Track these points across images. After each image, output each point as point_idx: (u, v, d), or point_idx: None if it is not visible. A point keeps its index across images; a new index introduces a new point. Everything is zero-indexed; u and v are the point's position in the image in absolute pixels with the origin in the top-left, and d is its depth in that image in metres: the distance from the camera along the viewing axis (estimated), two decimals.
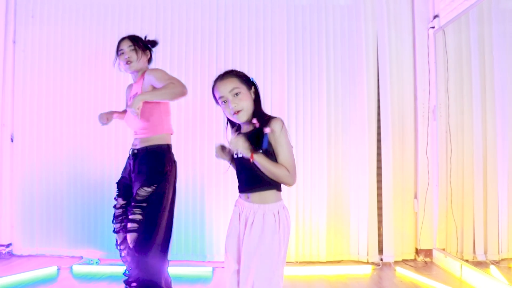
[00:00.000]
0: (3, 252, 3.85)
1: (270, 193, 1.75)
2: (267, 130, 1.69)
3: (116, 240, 2.53)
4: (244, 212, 1.76)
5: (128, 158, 2.55)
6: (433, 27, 3.84)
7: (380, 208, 3.84)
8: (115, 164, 3.80)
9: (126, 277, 2.47)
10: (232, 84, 1.78)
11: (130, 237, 2.33)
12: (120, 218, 2.47)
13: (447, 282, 3.21)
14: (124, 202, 2.48)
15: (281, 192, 1.77)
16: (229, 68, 1.85)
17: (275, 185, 1.75)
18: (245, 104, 1.77)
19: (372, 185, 3.83)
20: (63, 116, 3.92)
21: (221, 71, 1.84)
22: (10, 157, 3.93)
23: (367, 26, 3.88)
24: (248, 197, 1.76)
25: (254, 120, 1.75)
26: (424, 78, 3.88)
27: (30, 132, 3.93)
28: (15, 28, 3.96)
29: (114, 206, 2.54)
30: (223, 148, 1.83)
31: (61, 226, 3.87)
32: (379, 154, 3.87)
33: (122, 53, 2.54)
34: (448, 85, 3.75)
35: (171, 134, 2.54)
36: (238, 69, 1.85)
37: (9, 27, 3.94)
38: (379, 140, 3.86)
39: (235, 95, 1.77)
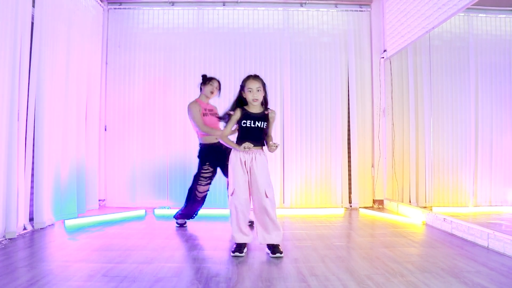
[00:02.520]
0: (101, 204, 5.38)
1: (261, 145, 3.03)
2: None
3: (200, 191, 4.02)
4: (248, 155, 2.94)
5: (215, 145, 3.91)
6: (383, 57, 5.43)
7: (350, 174, 5.44)
8: (175, 146, 5.37)
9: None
10: (259, 84, 2.94)
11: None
12: (209, 179, 4.01)
13: (390, 214, 4.81)
14: (212, 169, 3.99)
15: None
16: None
17: (263, 142, 3.04)
18: (260, 97, 2.95)
19: (344, 159, 5.42)
20: (138, 112, 5.40)
21: (252, 73, 3.05)
22: (104, 141, 5.43)
23: (341, 55, 5.51)
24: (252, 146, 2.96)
25: (266, 112, 2.97)
26: (377, 89, 5.49)
27: (118, 123, 5.41)
28: (107, 54, 5.47)
29: (204, 172, 3.98)
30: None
31: (139, 187, 5.35)
32: (349, 139, 5.45)
33: (211, 85, 4.03)
34: (393, 95, 5.27)
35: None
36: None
37: (103, 53, 5.44)
38: (349, 130, 5.46)
39: (258, 90, 2.92)
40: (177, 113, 5.38)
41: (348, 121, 5.49)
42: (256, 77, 2.97)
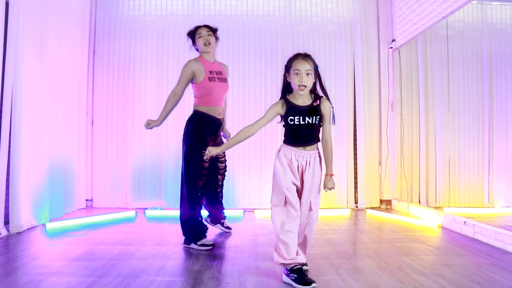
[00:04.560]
0: (88, 204, 4.96)
1: (316, 144, 2.40)
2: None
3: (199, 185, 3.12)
4: (301, 158, 2.32)
5: (215, 123, 3.09)
6: (392, 48, 5.07)
7: (355, 172, 5.06)
8: (168, 142, 4.95)
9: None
10: (309, 66, 2.25)
11: (222, 177, 3.47)
12: (207, 167, 3.11)
13: (400, 215, 4.45)
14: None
15: None
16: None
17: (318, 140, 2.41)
18: (310, 83, 2.27)
19: (350, 157, 5.04)
20: (128, 106, 4.96)
21: (302, 51, 2.34)
22: (91, 136, 5.00)
23: (347, 46, 5.11)
24: (304, 148, 2.32)
25: (315, 103, 2.30)
26: (385, 82, 5.11)
27: (106, 118, 4.98)
28: (94, 43, 5.03)
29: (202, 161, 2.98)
30: None
31: (129, 186, 4.91)
32: (355, 135, 5.06)
33: (201, 37, 3.08)
34: (402, 87, 4.93)
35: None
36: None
37: (91, 42, 5.01)
38: (355, 125, 5.07)
39: (307, 74, 2.24)
40: None
41: (354, 116, 5.10)
42: (306, 56, 2.29)
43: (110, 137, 4.99)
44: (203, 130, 3.05)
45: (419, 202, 4.58)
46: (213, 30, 3.23)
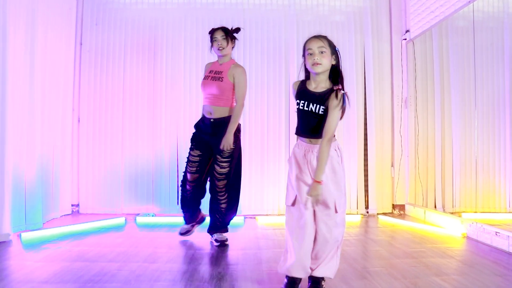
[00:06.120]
0: (74, 210, 4.50)
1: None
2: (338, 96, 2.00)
3: (188, 179, 3.14)
4: (309, 153, 2.05)
5: (204, 122, 3.09)
6: (405, 39, 4.65)
7: (366, 175, 4.63)
8: (162, 142, 4.50)
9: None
10: (321, 43, 2.04)
11: (221, 183, 3.03)
12: (197, 163, 3.10)
13: (416, 222, 4.03)
14: (200, 153, 3.10)
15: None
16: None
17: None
18: (325, 61, 2.03)
19: (360, 158, 4.61)
20: (119, 102, 4.51)
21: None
22: (77, 135, 4.54)
23: (356, 37, 4.68)
24: (310, 141, 2.07)
25: (335, 87, 2.04)
26: (398, 77, 4.69)
27: (94, 115, 4.53)
28: (81, 33, 4.57)
29: (191, 155, 3.11)
30: None
31: (119, 190, 4.47)
32: (365, 134, 4.64)
33: (215, 41, 3.08)
34: (416, 82, 4.52)
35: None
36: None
37: (78, 32, 4.55)
38: (365, 124, 4.65)
39: (321, 52, 2.02)
40: (165, 103, 4.52)
41: (365, 113, 4.66)
42: (319, 36, 2.10)
43: (98, 136, 4.53)
44: (196, 125, 3.26)
45: (435, 207, 4.18)
46: (227, 32, 3.15)
